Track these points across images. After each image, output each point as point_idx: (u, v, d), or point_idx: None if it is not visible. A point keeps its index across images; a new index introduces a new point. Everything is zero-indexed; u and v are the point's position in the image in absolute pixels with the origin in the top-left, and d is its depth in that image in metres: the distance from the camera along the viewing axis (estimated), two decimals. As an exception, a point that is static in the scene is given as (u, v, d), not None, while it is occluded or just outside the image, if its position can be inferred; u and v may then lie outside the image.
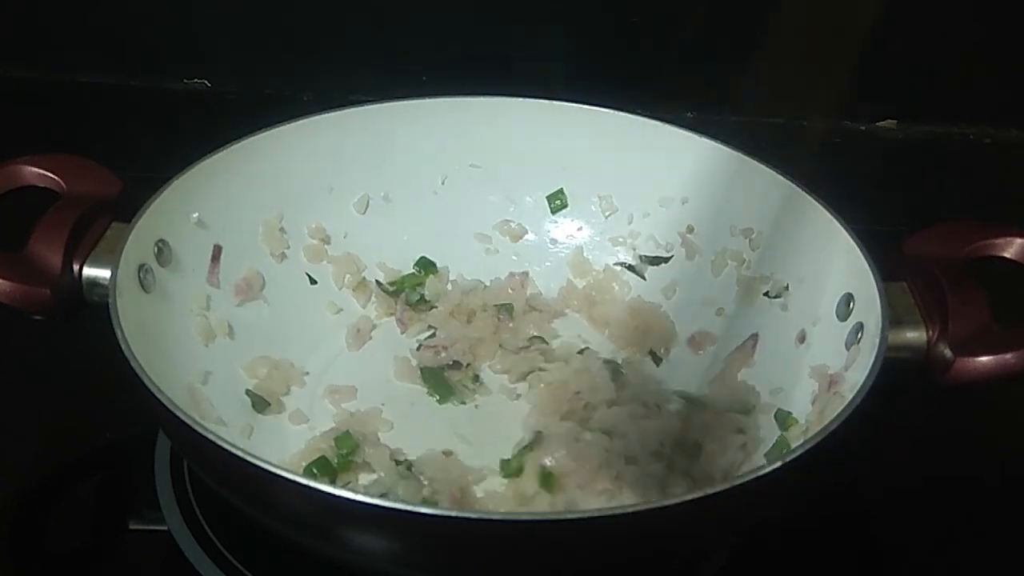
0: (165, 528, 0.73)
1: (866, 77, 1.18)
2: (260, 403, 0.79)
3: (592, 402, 0.80)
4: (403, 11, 1.18)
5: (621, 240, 0.92)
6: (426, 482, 0.73)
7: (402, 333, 0.89)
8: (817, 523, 0.78)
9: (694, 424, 0.78)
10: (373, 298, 0.90)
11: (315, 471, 0.73)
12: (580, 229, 0.94)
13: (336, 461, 0.74)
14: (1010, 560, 0.78)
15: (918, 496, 0.81)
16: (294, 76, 1.21)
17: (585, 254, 0.93)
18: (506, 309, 0.89)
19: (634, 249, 0.92)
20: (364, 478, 0.75)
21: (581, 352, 0.86)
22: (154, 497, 0.75)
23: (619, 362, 0.85)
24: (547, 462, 0.74)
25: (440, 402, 0.82)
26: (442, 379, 0.83)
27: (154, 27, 1.20)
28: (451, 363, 0.84)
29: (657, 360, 0.87)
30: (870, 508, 0.81)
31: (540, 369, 0.84)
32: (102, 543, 0.76)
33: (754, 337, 0.83)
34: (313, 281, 0.88)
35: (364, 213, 0.91)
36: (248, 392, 0.79)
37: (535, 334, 0.88)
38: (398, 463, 0.74)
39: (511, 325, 0.88)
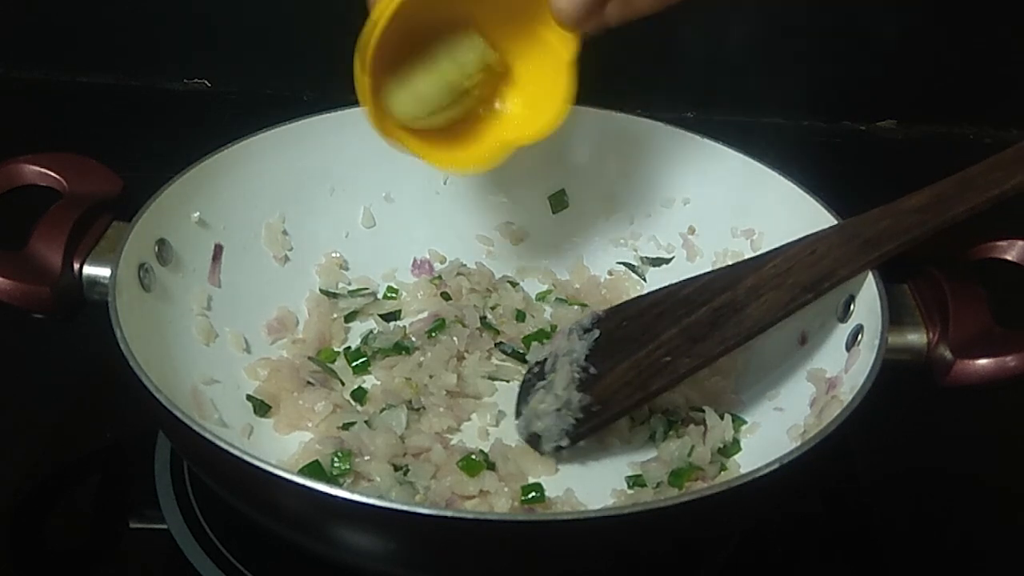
0: (165, 527, 0.73)
1: (866, 77, 1.18)
2: (261, 407, 0.79)
3: None
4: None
5: (622, 241, 0.92)
6: (420, 490, 0.72)
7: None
8: (816, 525, 0.78)
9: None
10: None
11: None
12: (582, 230, 0.94)
13: (331, 469, 0.73)
14: (1010, 561, 0.78)
15: (918, 498, 0.81)
16: (294, 76, 1.20)
17: (585, 256, 0.93)
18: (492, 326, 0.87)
19: (635, 250, 0.92)
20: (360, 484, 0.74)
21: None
22: (154, 497, 0.75)
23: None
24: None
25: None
26: None
27: (154, 27, 1.20)
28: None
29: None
30: (870, 510, 0.81)
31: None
32: (102, 543, 0.76)
33: None
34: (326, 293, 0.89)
35: (366, 214, 0.91)
36: (249, 397, 0.79)
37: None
38: (396, 468, 0.74)
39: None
